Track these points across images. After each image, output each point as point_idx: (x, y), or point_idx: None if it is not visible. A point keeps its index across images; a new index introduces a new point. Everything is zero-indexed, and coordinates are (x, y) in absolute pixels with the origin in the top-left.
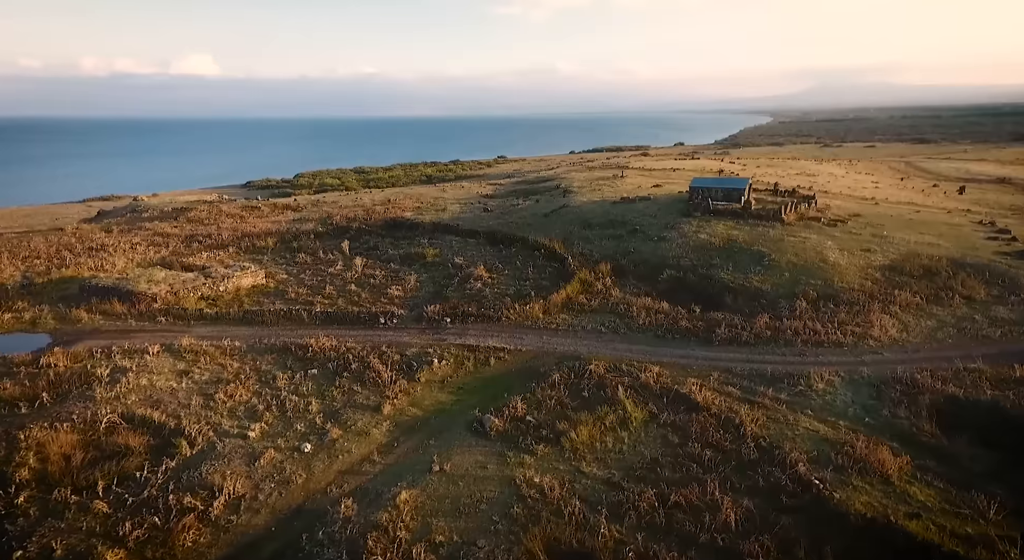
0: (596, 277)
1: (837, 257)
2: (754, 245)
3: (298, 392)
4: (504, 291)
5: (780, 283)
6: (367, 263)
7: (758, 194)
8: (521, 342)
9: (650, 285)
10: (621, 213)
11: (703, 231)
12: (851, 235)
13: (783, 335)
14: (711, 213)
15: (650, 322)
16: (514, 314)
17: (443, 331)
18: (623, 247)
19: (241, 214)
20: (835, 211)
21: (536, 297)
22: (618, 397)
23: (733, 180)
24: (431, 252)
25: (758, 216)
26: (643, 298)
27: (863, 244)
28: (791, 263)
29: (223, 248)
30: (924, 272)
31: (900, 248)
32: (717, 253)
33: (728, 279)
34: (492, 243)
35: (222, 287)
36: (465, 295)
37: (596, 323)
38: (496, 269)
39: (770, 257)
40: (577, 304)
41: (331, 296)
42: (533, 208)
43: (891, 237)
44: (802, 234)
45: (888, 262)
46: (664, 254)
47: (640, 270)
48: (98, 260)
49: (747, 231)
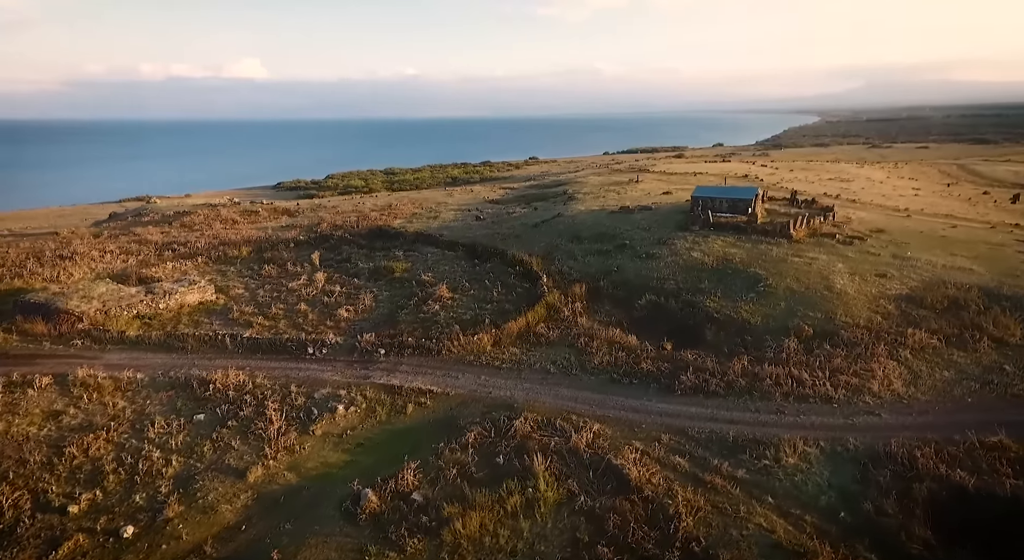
0: (567, 301)
1: (845, 284)
2: (751, 266)
3: (165, 446)
4: (460, 316)
5: (772, 314)
6: (330, 278)
7: (772, 204)
8: (454, 383)
9: (625, 312)
10: (615, 225)
11: (697, 248)
12: (867, 256)
13: (761, 385)
14: (711, 227)
15: (609, 361)
16: (458, 346)
17: (372, 365)
18: (607, 265)
19: (236, 219)
20: (856, 225)
21: (491, 325)
22: (534, 469)
23: (739, 189)
24: (401, 267)
25: (763, 231)
26: (611, 329)
27: (879, 267)
28: (789, 290)
29: (193, 257)
30: (949, 305)
31: (923, 273)
32: (708, 275)
33: (713, 308)
34: (470, 257)
35: (162, 304)
36: (417, 319)
37: (547, 360)
38: (461, 288)
39: (766, 282)
40: (534, 335)
41: (275, 317)
42: (527, 217)
43: (915, 259)
44: (810, 254)
45: (906, 291)
46: (649, 275)
47: (619, 293)
48: (57, 270)
49: (747, 249)
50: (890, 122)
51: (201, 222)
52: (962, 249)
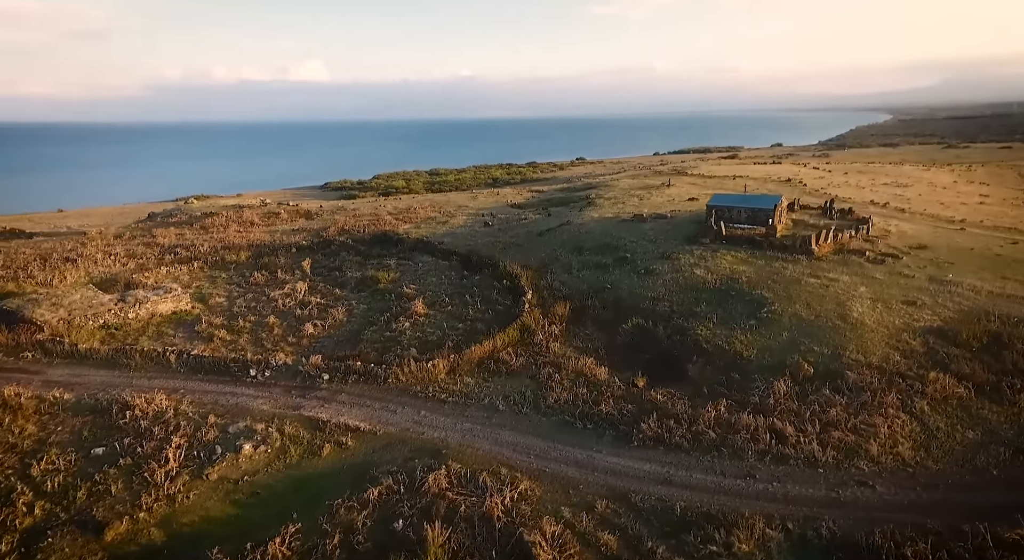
0: (545, 322)
1: (864, 312)
2: (757, 288)
3: (40, 489)
4: (426, 336)
5: (770, 347)
6: (314, 287)
7: (804, 213)
8: (388, 419)
9: (608, 336)
10: (621, 235)
11: (702, 264)
12: (898, 278)
13: (734, 438)
14: (723, 240)
15: (567, 398)
16: (408, 373)
17: (310, 393)
18: (601, 281)
19: (254, 221)
20: (894, 240)
21: (452, 349)
22: (427, 543)
23: (760, 198)
24: (387, 277)
25: (781, 246)
26: (583, 358)
27: (910, 293)
28: (796, 317)
29: (191, 262)
30: (988, 342)
31: (963, 301)
32: (708, 296)
33: (704, 336)
34: (463, 267)
35: (132, 314)
36: (381, 339)
37: (501, 394)
38: (439, 304)
39: (771, 307)
40: (497, 362)
41: (239, 331)
42: (537, 224)
43: (956, 283)
44: (830, 274)
45: (937, 323)
46: (643, 293)
47: (605, 314)
48: (54, 274)
49: (758, 266)
50: (970, 120)
51: (219, 224)
52: (1019, 272)
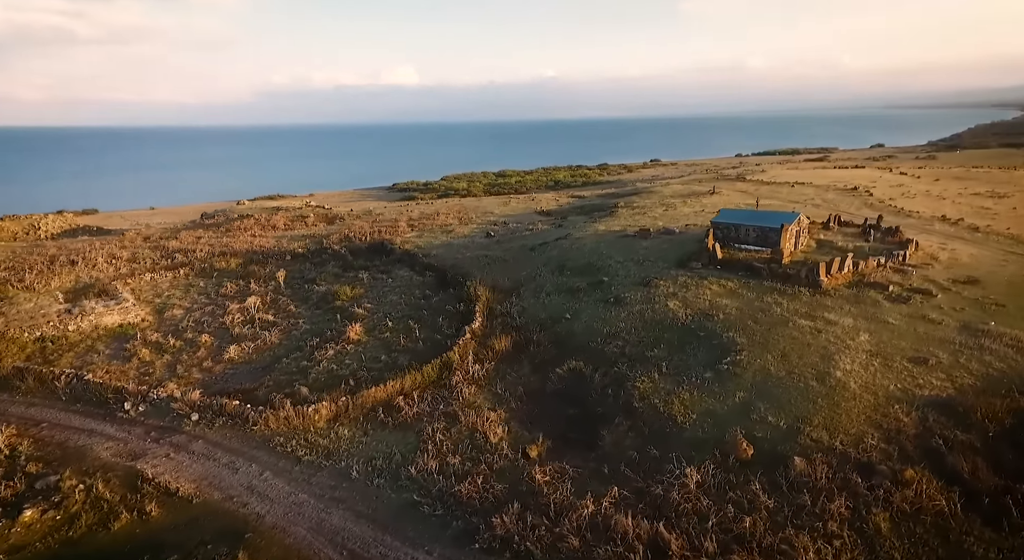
0: (477, 359)
1: (853, 370)
2: (732, 329)
3: None
4: (341, 369)
5: (714, 412)
6: (273, 302)
7: (835, 232)
8: (222, 481)
9: (539, 381)
10: (612, 254)
11: (680, 294)
12: (920, 323)
13: (600, 551)
14: (718, 264)
15: (434, 468)
16: (281, 420)
17: (165, 437)
18: (564, 309)
19: (276, 225)
20: (938, 269)
21: (352, 389)
22: None
23: (772, 215)
24: (348, 294)
25: (783, 275)
26: (490, 412)
27: (926, 346)
28: (764, 372)
29: (179, 268)
30: (1013, 427)
31: (995, 362)
32: (670, 336)
33: (642, 391)
34: (436, 284)
35: (72, 326)
36: (295, 369)
37: (364, 455)
38: (380, 329)
39: (739, 355)
40: (391, 408)
41: (166, 350)
42: (537, 237)
43: (997, 336)
44: (830, 314)
45: (949, 392)
46: (600, 328)
47: (548, 352)
48: (44, 278)
49: (746, 300)
50: None
51: (244, 227)
52: None
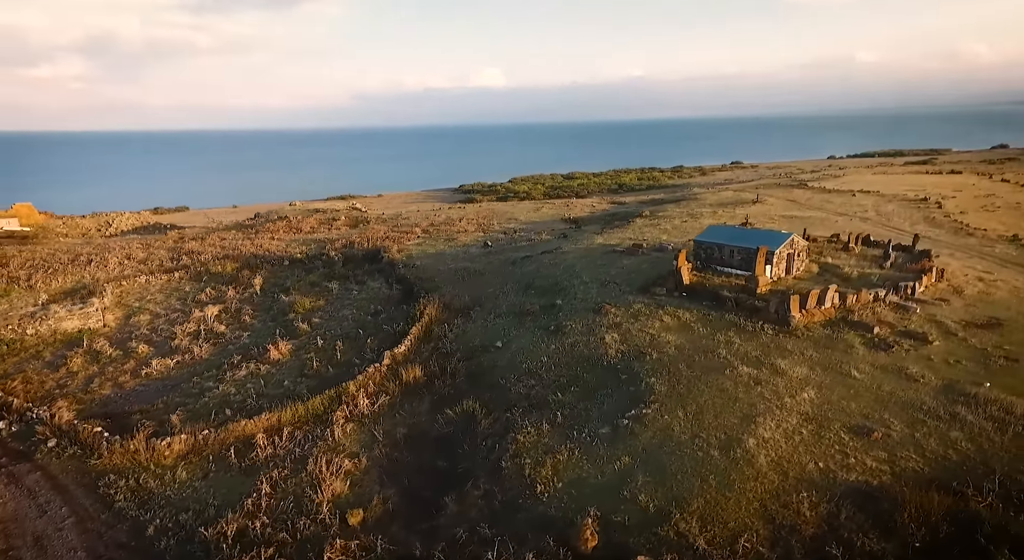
0: (377, 390)
1: (770, 440)
2: (657, 374)
3: None
4: (238, 394)
5: (583, 482)
6: (238, 311)
7: (849, 254)
8: (10, 528)
9: (428, 422)
10: (583, 273)
11: (624, 327)
12: (891, 379)
13: None
14: (683, 290)
15: (226, 533)
16: (126, 453)
17: (8, 466)
18: (500, 336)
19: (300, 228)
20: (954, 306)
21: (223, 421)
22: None
23: (760, 234)
24: (306, 305)
25: (752, 307)
26: (353, 459)
27: (883, 411)
28: (665, 432)
29: (174, 271)
30: (946, 533)
31: (963, 440)
32: (590, 377)
33: (520, 446)
34: (399, 297)
35: (31, 330)
36: (198, 390)
37: (181, 505)
38: (309, 347)
39: (647, 408)
40: (253, 446)
41: (101, 360)
42: (528, 249)
43: (985, 402)
44: (782, 361)
45: (884, 479)
46: (524, 362)
47: (456, 388)
48: (49, 278)
49: (694, 337)
50: None
51: (271, 230)
52: None
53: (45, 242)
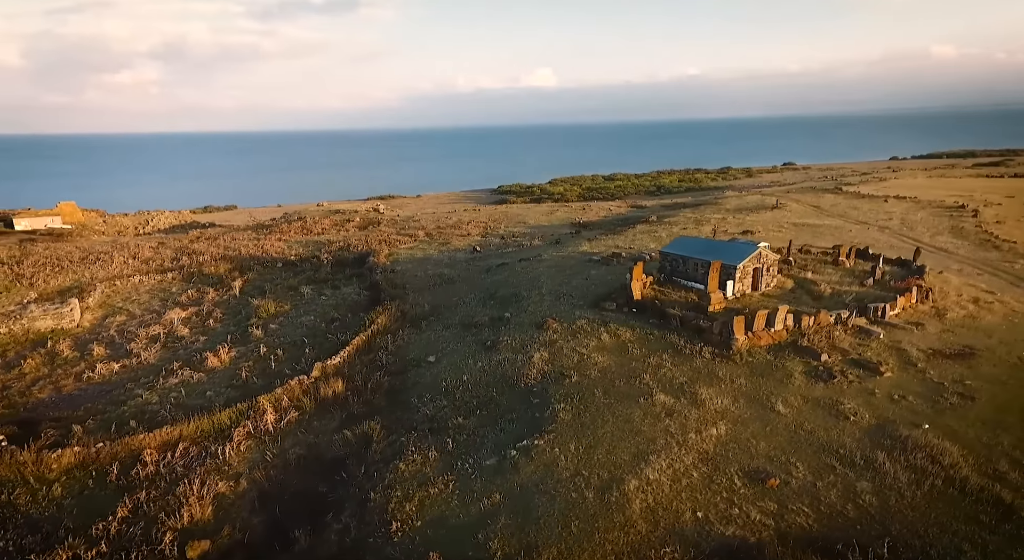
0: (291, 405)
1: (654, 481)
2: (569, 399)
3: None
4: (158, 403)
5: (443, 524)
6: (209, 314)
7: (837, 269)
8: None
9: (329, 443)
10: (546, 283)
11: (558, 344)
12: (820, 414)
13: None
14: (633, 306)
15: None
16: (12, 465)
17: None
18: (436, 350)
19: (311, 229)
20: (927, 332)
21: (116, 434)
22: None
23: (727, 246)
24: (272, 310)
25: (696, 328)
26: (231, 482)
27: (793, 453)
28: (549, 467)
29: (168, 272)
30: None
31: (869, 493)
32: (502, 399)
33: (396, 475)
34: (365, 303)
35: (3, 329)
36: (123, 398)
37: (33, 524)
38: (250, 356)
39: (541, 438)
40: (141, 462)
41: (58, 361)
42: (514, 254)
43: (914, 446)
44: (706, 390)
45: (761, 536)
46: (444, 380)
47: (374, 404)
48: (49, 275)
49: (626, 358)
50: None
51: (284, 230)
52: None
53: (76, 239)
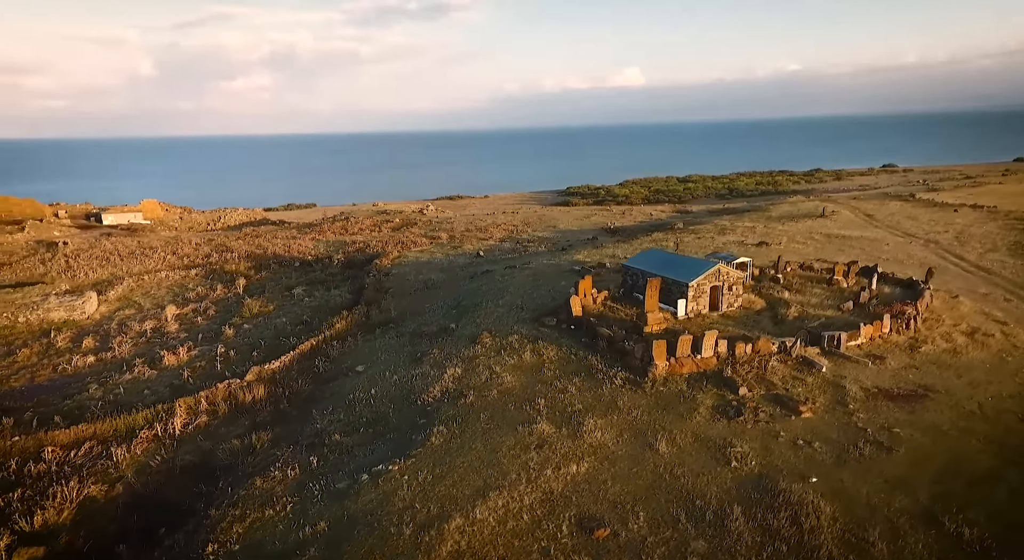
0: (201, 409)
1: (480, 521)
2: (451, 422)
3: None
4: (96, 400)
5: (260, 550)
6: (199, 311)
7: (826, 290)
8: None
9: (216, 452)
10: (509, 293)
11: (479, 361)
12: (700, 458)
13: None
14: (571, 323)
15: None
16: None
17: None
18: (371, 360)
19: (347, 228)
20: (884, 368)
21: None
22: None
23: (687, 262)
24: (255, 310)
25: (621, 351)
26: (98, 487)
27: (642, 502)
28: (387, 496)
29: (193, 268)
30: None
31: (726, 551)
32: (396, 417)
33: (246, 494)
34: (347, 306)
35: (22, 318)
36: (74, 393)
37: None
38: (205, 357)
39: (397, 464)
40: (33, 460)
41: (51, 352)
42: (508, 261)
43: (780, 505)
44: (593, 419)
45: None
46: (351, 393)
47: (269, 415)
48: (92, 270)
49: (534, 381)
50: None
51: (323, 230)
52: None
53: (145, 234)
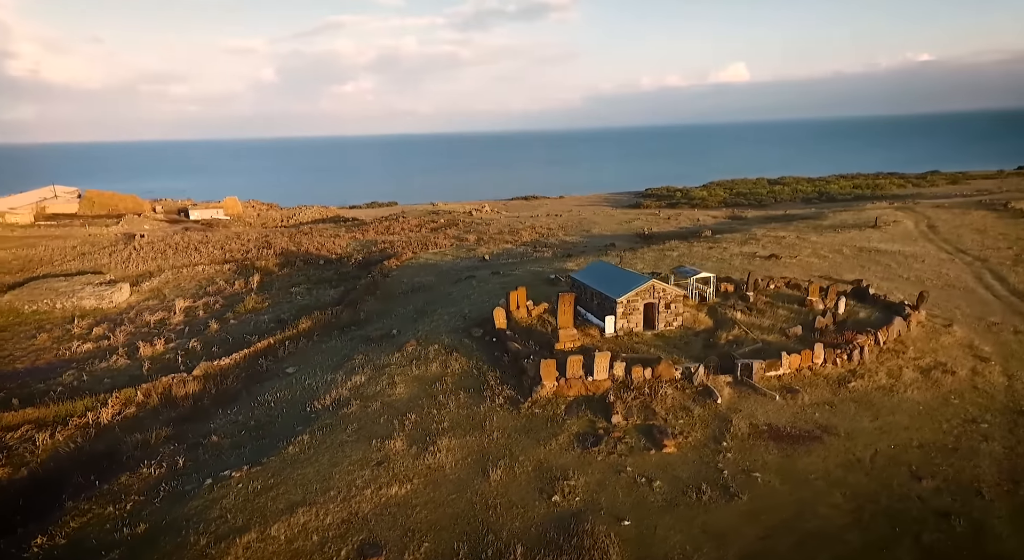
0: (136, 402)
1: (269, 538)
2: (316, 432)
3: None
4: (64, 386)
5: (81, 549)
6: (208, 304)
7: (808, 307)
8: None
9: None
10: (464, 300)
11: (386, 370)
12: (524, 492)
13: None
14: (493, 336)
15: None
16: None
17: None
18: (307, 361)
19: (392, 228)
20: (799, 402)
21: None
22: None
23: (627, 276)
24: (250, 305)
25: (520, 369)
26: (5, 470)
27: (454, 530)
28: (210, 504)
29: (227, 264)
30: None
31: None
32: (278, 419)
33: (109, 486)
34: (328, 304)
35: (59, 305)
36: (56, 377)
37: None
38: (179, 348)
39: (243, 472)
40: None
41: (65, 337)
42: (507, 266)
43: (576, 547)
44: (446, 441)
45: None
46: (262, 395)
47: (188, 412)
48: (142, 263)
49: (422, 395)
50: None
51: (368, 229)
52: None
53: (218, 229)
